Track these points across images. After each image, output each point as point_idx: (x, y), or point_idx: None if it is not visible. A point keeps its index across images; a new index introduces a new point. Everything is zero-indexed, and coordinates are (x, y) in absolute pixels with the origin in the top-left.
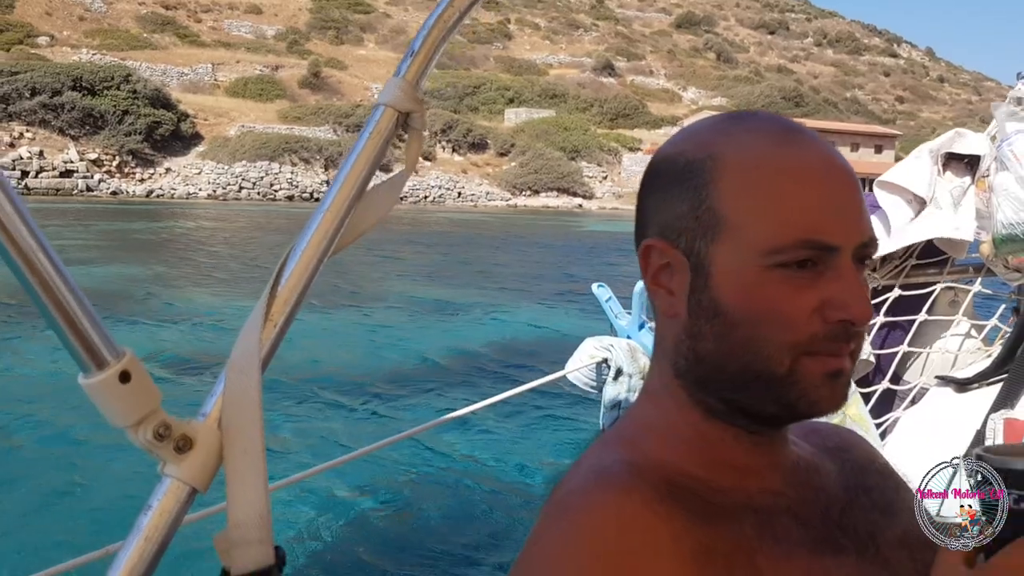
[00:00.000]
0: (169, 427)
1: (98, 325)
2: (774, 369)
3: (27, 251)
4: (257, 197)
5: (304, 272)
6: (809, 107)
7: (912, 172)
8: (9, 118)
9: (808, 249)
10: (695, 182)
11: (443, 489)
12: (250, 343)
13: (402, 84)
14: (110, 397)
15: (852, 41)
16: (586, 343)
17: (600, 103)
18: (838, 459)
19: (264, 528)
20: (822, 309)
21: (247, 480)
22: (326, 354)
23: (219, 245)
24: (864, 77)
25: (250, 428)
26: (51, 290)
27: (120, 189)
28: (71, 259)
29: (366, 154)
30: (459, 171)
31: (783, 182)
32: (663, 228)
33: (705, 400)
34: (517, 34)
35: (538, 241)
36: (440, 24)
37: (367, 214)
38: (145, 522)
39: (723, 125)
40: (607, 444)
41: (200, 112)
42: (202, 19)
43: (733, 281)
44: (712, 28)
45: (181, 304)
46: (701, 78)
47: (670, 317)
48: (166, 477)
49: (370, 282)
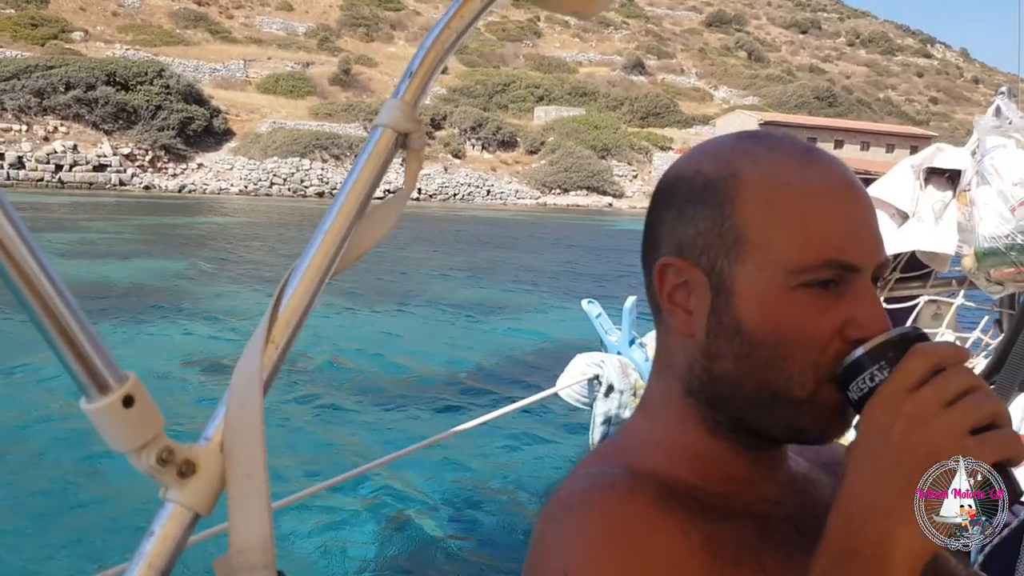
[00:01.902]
0: (172, 452)
1: (101, 349)
2: (795, 392)
3: (28, 273)
4: (288, 193)
5: (305, 294)
6: (842, 107)
7: (895, 186)
8: (44, 112)
9: (832, 269)
10: (716, 200)
11: (443, 506)
12: (251, 366)
13: (400, 105)
14: (113, 422)
15: (885, 41)
16: (577, 359)
17: (630, 101)
18: (832, 473)
19: (267, 553)
20: (843, 329)
21: (250, 504)
22: (336, 363)
23: (253, 241)
24: (897, 78)
25: (252, 452)
26: (53, 313)
27: (153, 184)
28: (107, 253)
29: (365, 175)
30: (488, 169)
31: (808, 202)
32: (680, 246)
33: (713, 418)
34: (547, 32)
35: (572, 243)
36: (438, 45)
37: (368, 235)
38: (148, 548)
39: (742, 144)
40: (604, 455)
41: (232, 108)
42: (234, 15)
43: (757, 300)
44: (743, 27)
45: (215, 301)
46: (733, 77)
47: (685, 336)
48: (169, 502)
49: (388, 284)
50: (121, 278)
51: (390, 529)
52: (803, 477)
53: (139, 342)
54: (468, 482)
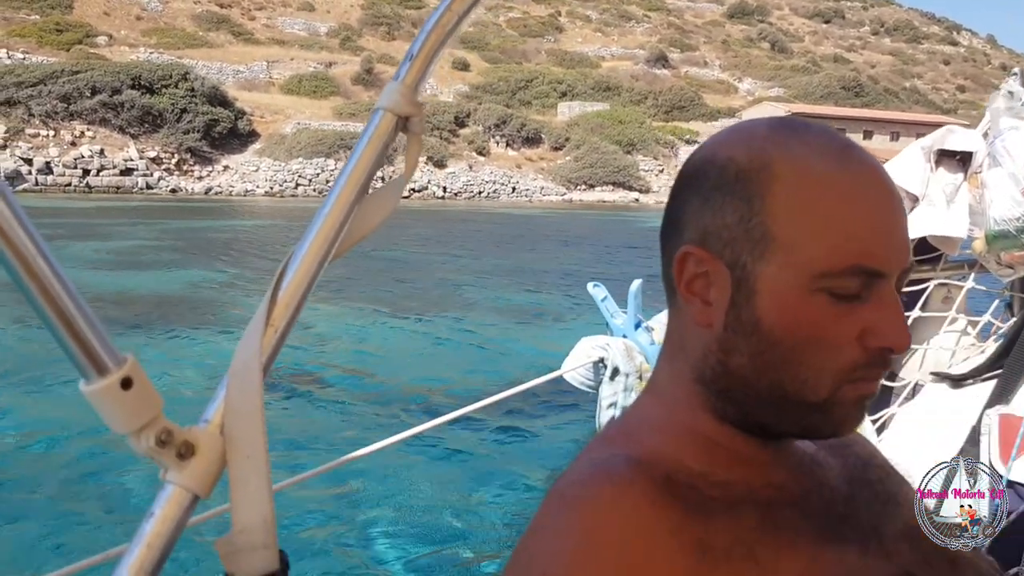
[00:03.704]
0: (171, 433)
1: (99, 331)
2: (809, 396)
3: (26, 256)
4: (313, 194)
5: (304, 277)
6: (869, 97)
7: (905, 169)
8: (71, 117)
9: (858, 275)
10: (746, 193)
11: (444, 489)
12: (251, 349)
13: (401, 88)
14: (112, 404)
15: (910, 29)
16: (582, 343)
17: (655, 95)
18: (840, 454)
19: (269, 533)
20: (863, 336)
21: (251, 485)
22: (341, 350)
23: (284, 245)
24: (923, 66)
25: (253, 433)
26: (51, 296)
27: (179, 187)
28: (137, 259)
29: (365, 159)
30: (513, 166)
31: (839, 204)
32: (704, 236)
33: (723, 408)
34: (568, 27)
35: (608, 242)
36: (439, 29)
37: (367, 218)
38: (148, 529)
39: (778, 135)
40: (608, 439)
41: (256, 109)
42: (256, 16)
43: (778, 300)
44: (765, 18)
45: (244, 304)
46: (757, 68)
47: (702, 327)
48: (168, 484)
49: (405, 278)
50: (150, 284)
51: (393, 511)
52: (811, 459)
53: (170, 348)
54: (472, 464)
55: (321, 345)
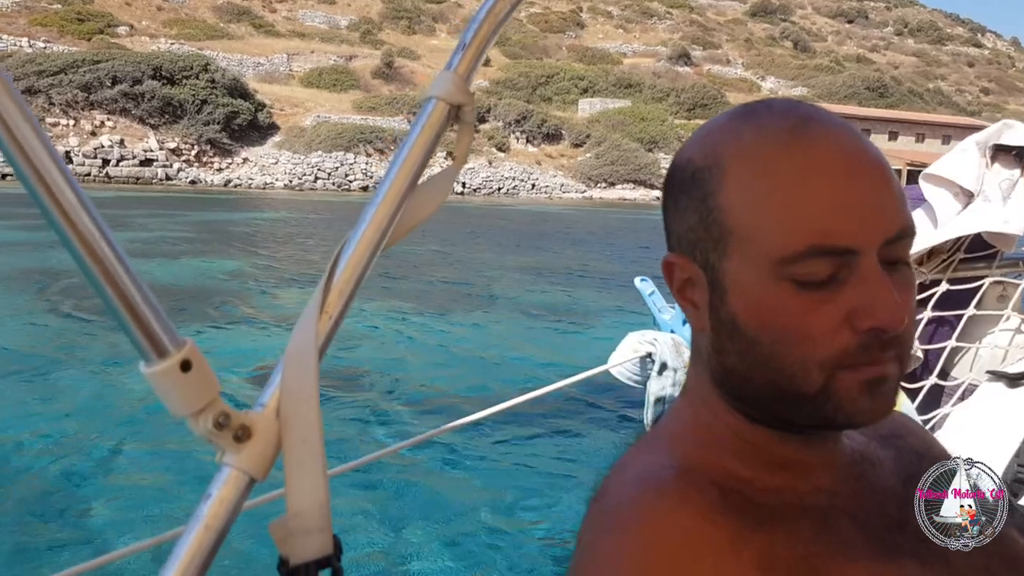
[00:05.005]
0: (228, 416)
1: (160, 315)
2: (802, 388)
3: (90, 241)
4: (332, 188)
5: (358, 265)
6: (893, 98)
7: (959, 164)
8: (91, 107)
9: (821, 256)
10: (701, 192)
11: (495, 480)
12: (306, 334)
13: (453, 78)
14: (171, 386)
15: (934, 30)
16: (629, 337)
17: (676, 93)
18: (893, 447)
19: (324, 517)
20: (850, 319)
21: (306, 469)
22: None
23: (306, 239)
24: (947, 68)
25: (308, 417)
26: (114, 280)
27: (198, 178)
28: (157, 250)
29: (418, 148)
30: (533, 162)
31: (789, 184)
32: (679, 241)
33: (743, 408)
34: (590, 23)
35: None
36: (491, 17)
37: (419, 208)
38: (205, 510)
39: (732, 124)
40: (649, 448)
41: (276, 102)
42: (277, 9)
43: (746, 296)
44: (788, 17)
45: (263, 298)
46: (780, 67)
47: (698, 331)
48: (225, 466)
49: (449, 275)
50: (169, 274)
51: (442, 500)
52: (860, 456)
53: None
54: (519, 456)
55: (356, 340)
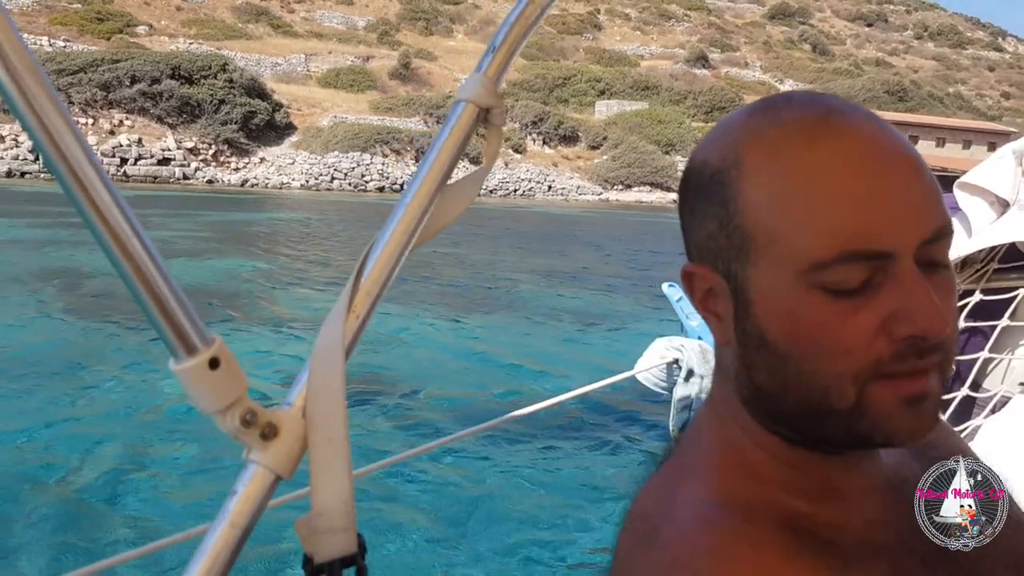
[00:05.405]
0: (255, 414)
1: (189, 312)
2: (835, 404)
3: (122, 237)
4: (349, 188)
5: (386, 265)
6: (913, 102)
7: (995, 173)
8: (110, 106)
9: (855, 261)
10: (721, 196)
11: (520, 485)
12: (334, 334)
13: (483, 80)
14: (200, 383)
15: (954, 34)
16: (657, 343)
17: (694, 95)
18: (925, 458)
19: (348, 516)
20: (887, 326)
21: (332, 468)
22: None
23: (325, 240)
24: (967, 72)
25: (334, 417)
26: (145, 277)
27: (216, 178)
28: (175, 249)
29: (447, 149)
30: (550, 164)
31: (815, 183)
32: (699, 249)
33: (778, 428)
34: (607, 25)
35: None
36: (522, 20)
37: (448, 209)
38: (231, 507)
39: (750, 120)
40: (689, 476)
41: (293, 102)
42: (295, 9)
43: (773, 307)
44: (807, 20)
45: (281, 298)
46: (798, 71)
47: (723, 344)
48: (251, 463)
49: (473, 280)
50: (185, 273)
51: (466, 503)
52: (899, 477)
53: None
54: (544, 460)
55: (379, 343)
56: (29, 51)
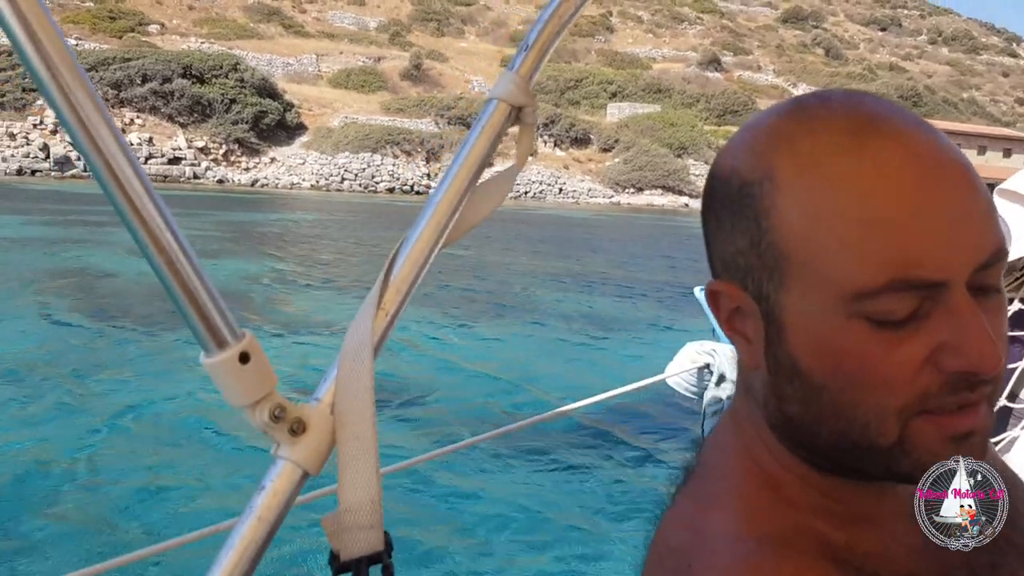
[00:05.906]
0: (284, 409)
1: (220, 306)
2: (876, 440)
3: (156, 231)
4: (359, 189)
5: (416, 263)
6: (928, 107)
7: None
8: (121, 104)
9: (904, 291)
10: (752, 210)
11: (548, 485)
12: (363, 331)
13: (515, 79)
14: (230, 377)
15: (969, 40)
16: (687, 347)
17: (707, 98)
18: None
19: (375, 513)
20: (934, 357)
21: (359, 465)
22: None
23: (337, 241)
24: (982, 77)
25: (363, 414)
26: (178, 271)
27: (226, 177)
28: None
29: (478, 148)
30: (561, 166)
31: (859, 201)
32: (726, 265)
33: (809, 457)
34: (620, 27)
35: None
36: (555, 19)
37: (478, 207)
38: (259, 502)
39: (782, 125)
40: (717, 504)
41: (304, 102)
42: (307, 9)
43: (810, 335)
44: (820, 23)
45: (295, 298)
46: (811, 74)
47: (752, 368)
48: (279, 459)
49: (505, 282)
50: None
51: (492, 503)
52: None
53: None
54: (569, 462)
55: (402, 346)
56: (69, 48)
